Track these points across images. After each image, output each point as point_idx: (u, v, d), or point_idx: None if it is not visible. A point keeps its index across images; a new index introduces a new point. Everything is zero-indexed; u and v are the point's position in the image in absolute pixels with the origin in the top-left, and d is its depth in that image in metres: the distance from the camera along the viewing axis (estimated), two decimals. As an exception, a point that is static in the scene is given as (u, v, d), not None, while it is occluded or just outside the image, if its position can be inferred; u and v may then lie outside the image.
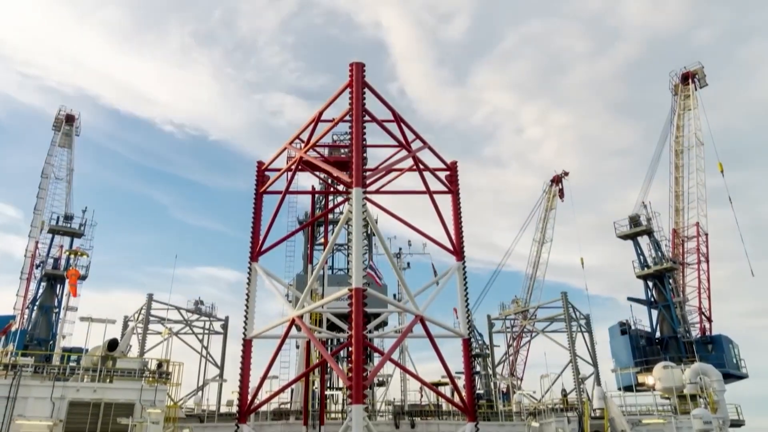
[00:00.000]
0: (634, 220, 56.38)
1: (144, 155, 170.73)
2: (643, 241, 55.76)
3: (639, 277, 55.07)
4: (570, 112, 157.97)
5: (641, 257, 55.40)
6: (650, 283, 54.77)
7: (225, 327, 53.24)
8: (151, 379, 30.15)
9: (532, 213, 67.51)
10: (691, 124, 56.07)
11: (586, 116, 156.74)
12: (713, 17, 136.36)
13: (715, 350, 50.11)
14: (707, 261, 53.19)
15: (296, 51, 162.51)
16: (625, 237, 56.35)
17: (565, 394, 46.22)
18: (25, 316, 47.50)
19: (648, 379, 40.84)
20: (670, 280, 53.72)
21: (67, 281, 47.25)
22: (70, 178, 55.23)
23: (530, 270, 65.41)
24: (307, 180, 37.57)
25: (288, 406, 42.28)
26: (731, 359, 50.14)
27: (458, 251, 30.34)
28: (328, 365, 34.85)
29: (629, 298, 55.18)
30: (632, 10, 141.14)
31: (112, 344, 30.79)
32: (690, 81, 57.12)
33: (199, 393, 47.51)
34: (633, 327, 53.09)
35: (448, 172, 32.36)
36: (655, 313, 54.04)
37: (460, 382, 30.36)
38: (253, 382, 28.90)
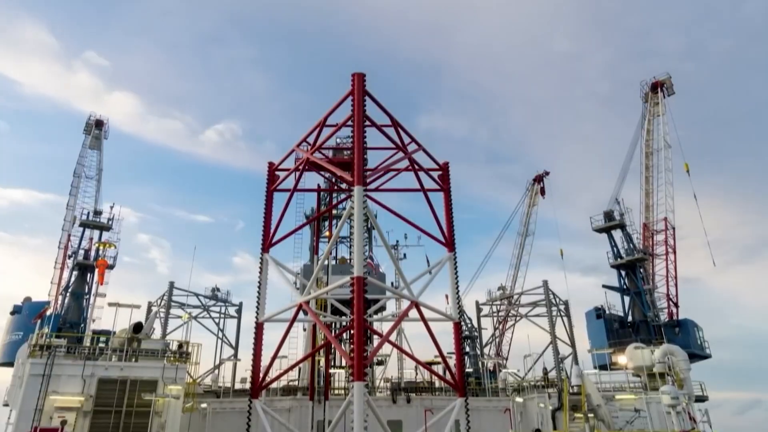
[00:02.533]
0: (609, 215, 56.42)
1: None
2: (617, 234, 55.83)
3: (613, 266, 55.09)
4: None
5: (615, 249, 55.46)
6: (623, 272, 54.79)
7: (239, 311, 53.38)
8: (172, 358, 30.19)
9: (516, 209, 67.55)
10: (660, 128, 56.08)
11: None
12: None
13: (681, 333, 50.20)
14: (674, 252, 53.28)
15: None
16: (600, 230, 56.37)
17: (546, 372, 46.22)
18: (59, 302, 47.44)
19: (621, 359, 40.83)
20: (641, 270, 53.77)
21: (96, 270, 47.27)
22: (100, 176, 55.03)
23: (515, 260, 65.46)
24: (313, 179, 37.42)
25: (296, 383, 42.36)
26: (696, 341, 50.24)
27: (450, 243, 30.30)
28: (332, 346, 34.86)
29: (604, 286, 55.35)
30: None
31: (137, 327, 30.82)
32: (659, 90, 57.07)
33: (216, 371, 47.48)
34: (607, 312, 53.22)
35: (440, 172, 32.31)
36: (627, 299, 54.14)
37: (452, 362, 30.38)
38: (265, 361, 28.92)
